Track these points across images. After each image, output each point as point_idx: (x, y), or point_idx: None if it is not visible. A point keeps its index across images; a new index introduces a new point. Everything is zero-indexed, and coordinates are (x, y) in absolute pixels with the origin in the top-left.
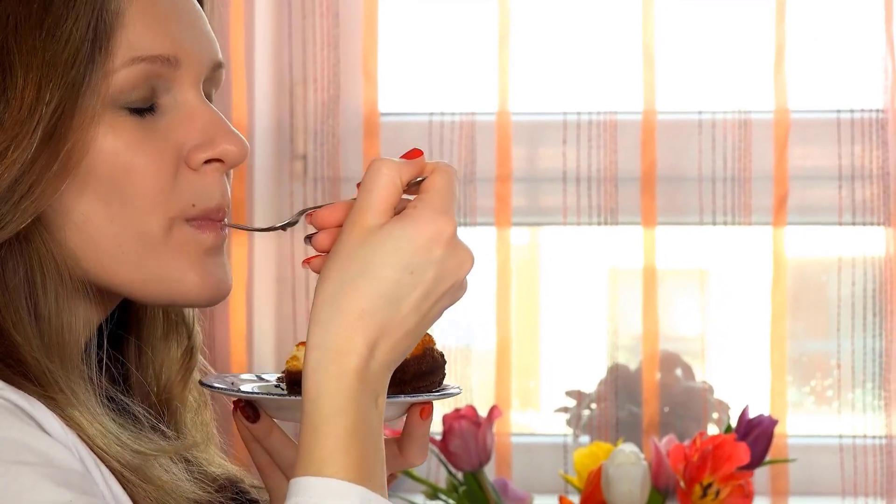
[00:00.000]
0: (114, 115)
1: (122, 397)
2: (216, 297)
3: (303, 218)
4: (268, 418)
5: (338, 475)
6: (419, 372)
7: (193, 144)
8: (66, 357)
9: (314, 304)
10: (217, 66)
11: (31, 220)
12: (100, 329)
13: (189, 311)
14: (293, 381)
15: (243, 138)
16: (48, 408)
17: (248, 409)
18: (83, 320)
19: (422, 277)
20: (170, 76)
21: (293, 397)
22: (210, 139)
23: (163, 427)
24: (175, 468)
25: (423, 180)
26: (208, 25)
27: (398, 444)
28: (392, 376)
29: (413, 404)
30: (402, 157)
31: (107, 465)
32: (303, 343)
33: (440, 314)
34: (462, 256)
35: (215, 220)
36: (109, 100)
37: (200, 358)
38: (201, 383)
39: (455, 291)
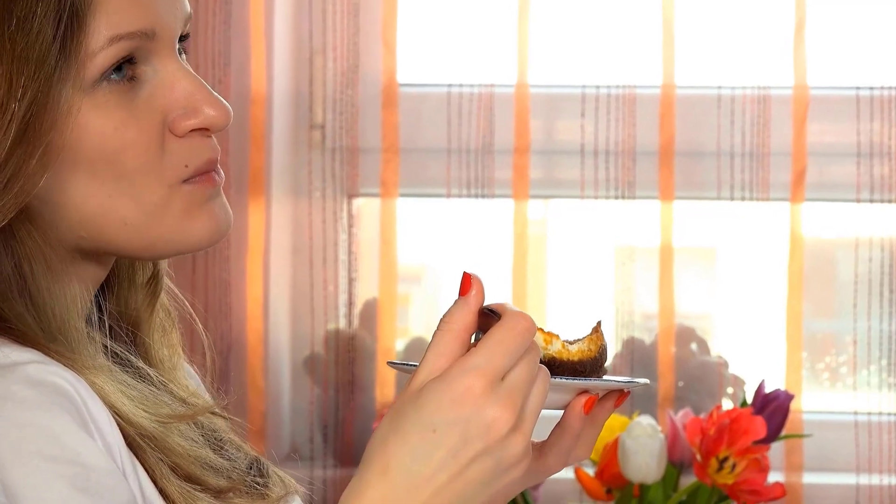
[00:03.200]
0: (95, 93)
1: (130, 356)
2: (221, 236)
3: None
4: None
5: None
6: (585, 371)
7: (177, 113)
8: (71, 335)
9: None
10: (188, 19)
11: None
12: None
13: None
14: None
15: (225, 103)
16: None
17: None
18: (80, 294)
19: (445, 436)
20: (147, 47)
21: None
22: (193, 107)
23: (171, 386)
24: (191, 432)
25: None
26: None
27: (539, 448)
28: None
29: (579, 394)
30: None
31: (124, 435)
32: (540, 330)
33: (486, 480)
34: (490, 417)
35: (210, 171)
36: (89, 82)
37: (167, 282)
38: (390, 363)
39: (492, 454)
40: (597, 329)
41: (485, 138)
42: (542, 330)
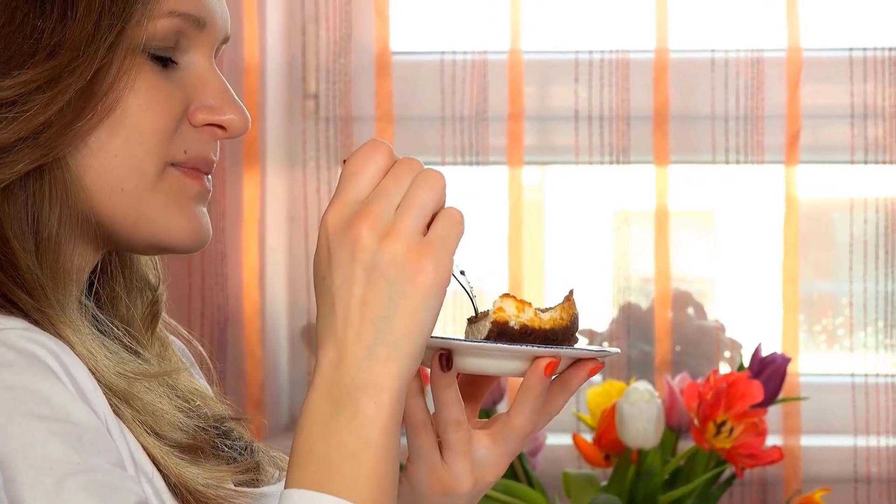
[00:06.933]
0: (141, 58)
1: (106, 319)
2: (200, 243)
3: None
4: (454, 372)
5: (294, 485)
6: (557, 339)
7: (200, 104)
8: (59, 275)
9: None
10: (226, 40)
11: None
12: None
13: (153, 273)
14: (500, 332)
15: (247, 113)
16: (42, 325)
17: (444, 358)
18: (79, 253)
19: (330, 278)
20: (193, 37)
21: (495, 344)
22: (218, 106)
23: (144, 353)
24: (157, 391)
25: None
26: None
27: (507, 411)
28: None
29: (537, 358)
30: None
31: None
32: (506, 294)
33: (389, 293)
34: (350, 236)
35: (202, 171)
36: (140, 47)
37: (165, 316)
38: None
39: (375, 268)
40: (569, 298)
41: (478, 105)
42: (514, 298)
